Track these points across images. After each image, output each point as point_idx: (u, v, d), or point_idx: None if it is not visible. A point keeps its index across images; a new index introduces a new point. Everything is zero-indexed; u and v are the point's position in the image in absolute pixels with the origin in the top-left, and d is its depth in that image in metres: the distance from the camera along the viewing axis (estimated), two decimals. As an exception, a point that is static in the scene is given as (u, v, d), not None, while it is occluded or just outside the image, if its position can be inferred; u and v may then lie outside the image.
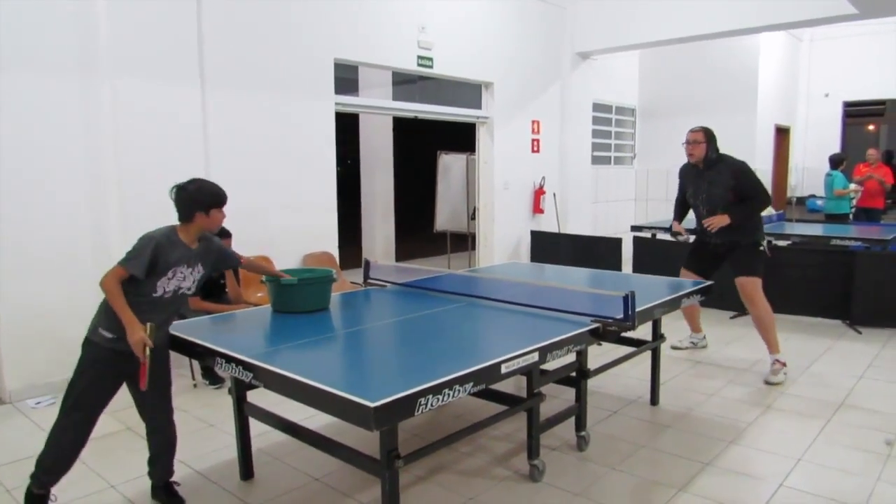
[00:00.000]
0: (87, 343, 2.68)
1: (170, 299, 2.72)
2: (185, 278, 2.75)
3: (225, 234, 4.46)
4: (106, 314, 2.65)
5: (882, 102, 11.46)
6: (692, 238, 4.93)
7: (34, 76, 4.19)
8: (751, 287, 4.49)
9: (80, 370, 2.67)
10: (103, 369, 2.67)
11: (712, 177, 4.50)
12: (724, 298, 5.25)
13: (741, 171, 4.43)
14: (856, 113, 11.72)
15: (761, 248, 4.53)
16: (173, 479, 2.95)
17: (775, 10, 6.99)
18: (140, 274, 2.57)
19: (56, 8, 4.25)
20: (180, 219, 2.75)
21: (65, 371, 3.81)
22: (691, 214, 4.88)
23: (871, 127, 12.24)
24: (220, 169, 5.09)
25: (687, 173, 4.75)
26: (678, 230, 4.94)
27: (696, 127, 4.58)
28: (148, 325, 2.55)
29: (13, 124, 4.13)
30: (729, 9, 7.25)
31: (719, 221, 4.40)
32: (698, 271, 4.70)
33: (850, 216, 8.92)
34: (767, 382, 4.39)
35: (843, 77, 11.39)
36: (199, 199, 2.73)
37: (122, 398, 2.89)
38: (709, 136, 4.50)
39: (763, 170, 10.63)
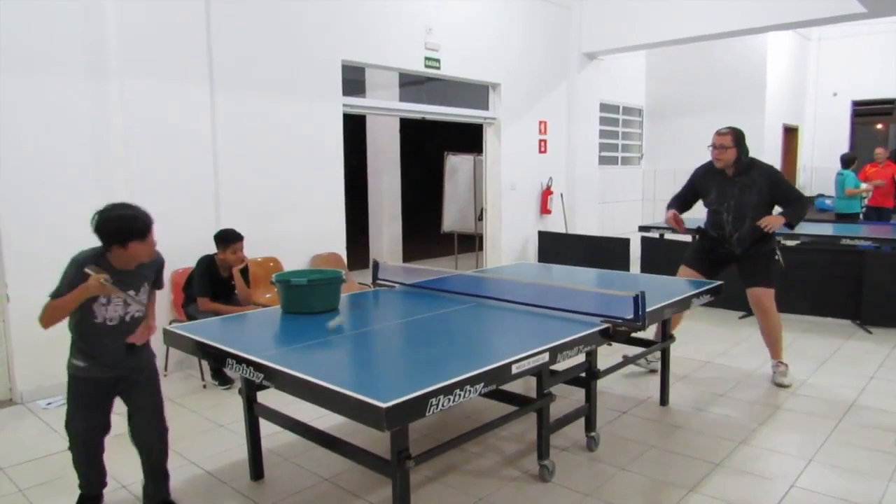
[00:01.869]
0: (68, 375, 2.64)
1: (116, 327, 2.58)
2: (129, 304, 2.57)
3: (236, 238, 4.48)
4: (74, 345, 2.61)
5: (891, 101, 11.40)
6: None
7: (43, 78, 4.22)
8: (767, 298, 4.30)
9: (69, 404, 2.67)
10: (86, 398, 2.64)
11: (745, 183, 4.22)
12: (732, 299, 5.22)
13: (777, 178, 4.25)
14: (864, 112, 11.67)
15: (777, 256, 4.38)
16: (174, 483, 2.92)
17: (783, 10, 6.97)
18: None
19: (64, 10, 4.27)
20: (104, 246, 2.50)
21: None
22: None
23: (879, 126, 12.17)
24: (229, 171, 5.13)
25: (708, 177, 4.41)
26: (677, 220, 4.44)
27: (724, 129, 4.24)
28: (87, 270, 2.42)
29: (22, 126, 4.16)
30: (736, 8, 7.23)
31: (775, 221, 4.12)
32: (702, 270, 4.45)
33: (861, 216, 8.88)
34: (778, 384, 4.36)
35: (852, 76, 11.34)
36: (112, 231, 2.43)
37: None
38: (738, 138, 4.19)
39: (771, 169, 10.59)
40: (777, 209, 4.34)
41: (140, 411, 2.75)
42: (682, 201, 4.62)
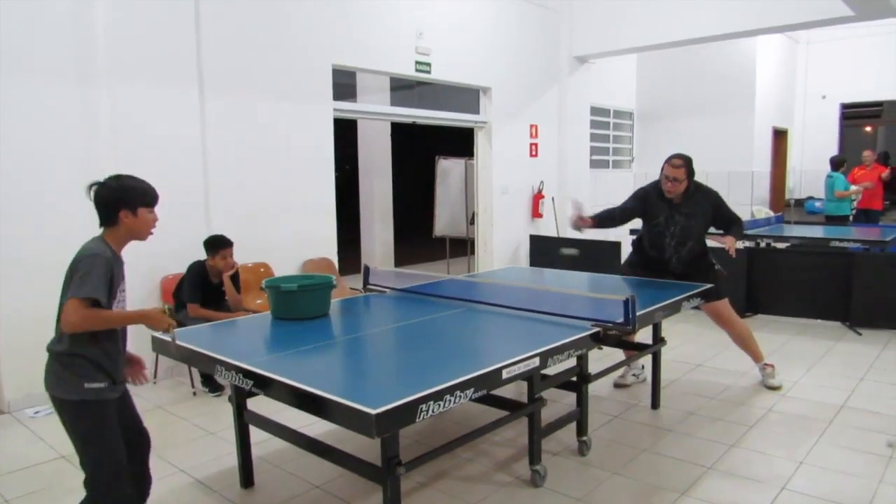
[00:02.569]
0: (81, 405, 2.22)
1: (121, 331, 2.38)
2: (124, 298, 2.38)
3: (226, 244, 4.45)
4: (78, 367, 2.22)
5: (879, 104, 11.49)
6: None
7: (32, 84, 4.19)
8: (725, 309, 4.36)
9: (98, 435, 2.26)
10: (114, 423, 2.31)
11: (689, 208, 4.21)
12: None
13: (720, 203, 4.30)
14: (853, 115, 11.75)
15: (717, 267, 4.37)
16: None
17: (772, 13, 7.01)
18: (105, 297, 2.18)
19: (53, 15, 4.25)
20: (104, 222, 2.32)
21: (64, 380, 3.72)
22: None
23: (868, 128, 12.26)
24: (219, 175, 5.10)
25: (653, 200, 4.32)
26: (581, 217, 4.32)
27: (677, 161, 4.16)
28: (164, 307, 2.37)
29: (10, 132, 4.12)
30: (726, 12, 7.27)
31: (733, 243, 4.25)
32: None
33: (850, 218, 8.93)
34: (768, 387, 4.38)
35: (841, 79, 11.42)
36: (126, 195, 2.30)
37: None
38: (690, 170, 4.16)
39: (761, 172, 10.65)
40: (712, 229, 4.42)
41: (129, 420, 2.49)
42: (615, 219, 4.49)
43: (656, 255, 4.34)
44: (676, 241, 4.26)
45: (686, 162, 4.18)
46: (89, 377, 2.23)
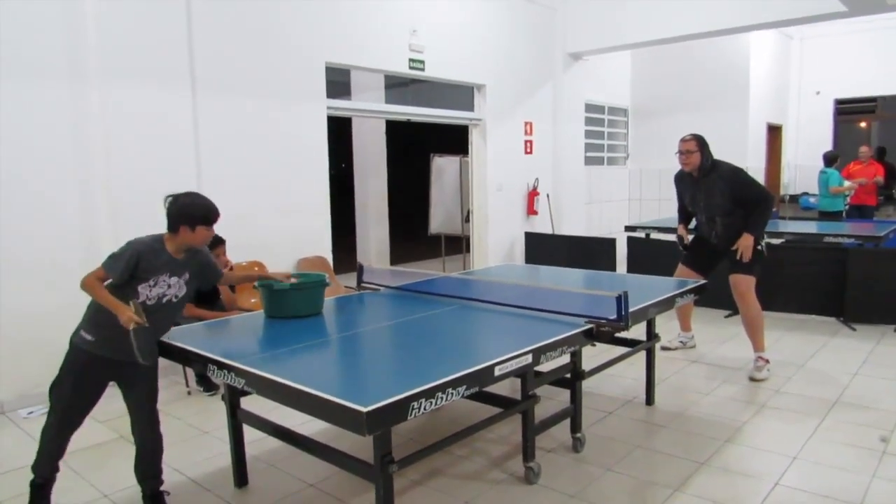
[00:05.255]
0: (70, 345, 2.70)
1: (153, 306, 2.67)
2: (169, 287, 2.73)
3: (218, 241, 4.43)
4: (90, 316, 2.69)
5: (873, 99, 11.49)
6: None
7: (22, 82, 4.17)
8: (744, 284, 4.45)
9: (62, 373, 2.71)
10: (81, 373, 2.68)
11: (707, 186, 4.45)
12: (718, 298, 5.25)
13: (736, 178, 4.37)
14: (847, 110, 11.76)
15: (759, 247, 4.43)
16: (163, 488, 2.92)
17: (766, 9, 7.02)
18: (116, 278, 2.59)
19: (44, 13, 4.23)
20: (168, 228, 2.73)
21: (56, 380, 3.70)
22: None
23: (862, 124, 12.27)
24: (212, 173, 5.08)
25: (683, 181, 4.71)
26: (683, 234, 4.84)
27: (688, 136, 4.48)
28: (131, 302, 2.55)
29: (1, 132, 4.10)
30: (719, 8, 7.27)
31: (746, 246, 4.30)
32: (697, 268, 4.67)
33: (844, 213, 8.94)
34: (752, 378, 4.41)
35: (834, 74, 11.42)
36: (187, 213, 2.70)
37: (118, 407, 2.89)
38: (701, 143, 4.41)
39: (756, 168, 10.66)
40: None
41: (135, 398, 2.80)
42: (683, 211, 4.90)
43: (701, 233, 4.68)
44: (706, 217, 4.55)
45: (696, 136, 4.46)
46: (86, 328, 2.67)
